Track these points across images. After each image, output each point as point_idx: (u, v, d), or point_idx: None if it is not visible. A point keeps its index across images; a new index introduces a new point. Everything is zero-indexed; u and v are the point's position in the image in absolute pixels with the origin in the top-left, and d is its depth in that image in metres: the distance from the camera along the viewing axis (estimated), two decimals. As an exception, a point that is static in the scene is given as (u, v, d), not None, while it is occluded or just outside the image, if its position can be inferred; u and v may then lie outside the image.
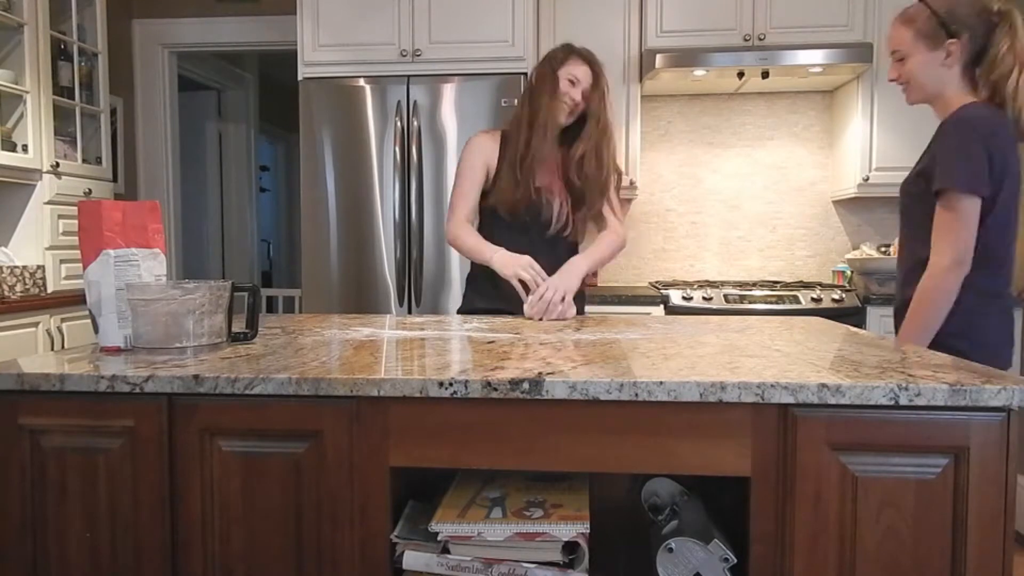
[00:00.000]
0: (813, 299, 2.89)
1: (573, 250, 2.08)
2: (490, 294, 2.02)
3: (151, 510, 1.10)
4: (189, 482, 1.10)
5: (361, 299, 3.00)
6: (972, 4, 1.61)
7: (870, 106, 3.11)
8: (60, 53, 3.07)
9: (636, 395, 1.02)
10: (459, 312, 2.11)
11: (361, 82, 2.96)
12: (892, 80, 1.72)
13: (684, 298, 2.92)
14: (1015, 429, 0.99)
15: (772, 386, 1.01)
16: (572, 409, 1.05)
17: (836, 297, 2.88)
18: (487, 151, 2.03)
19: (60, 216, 3.02)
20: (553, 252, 2.00)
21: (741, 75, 3.05)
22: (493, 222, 2.03)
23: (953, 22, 1.60)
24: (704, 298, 2.92)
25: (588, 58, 1.99)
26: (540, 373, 1.07)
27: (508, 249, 1.93)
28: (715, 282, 3.22)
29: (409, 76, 2.94)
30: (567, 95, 1.95)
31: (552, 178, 2.01)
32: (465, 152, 2.05)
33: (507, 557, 1.10)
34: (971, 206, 1.55)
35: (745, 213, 3.55)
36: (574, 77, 1.96)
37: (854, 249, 3.43)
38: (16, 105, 2.86)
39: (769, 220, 3.54)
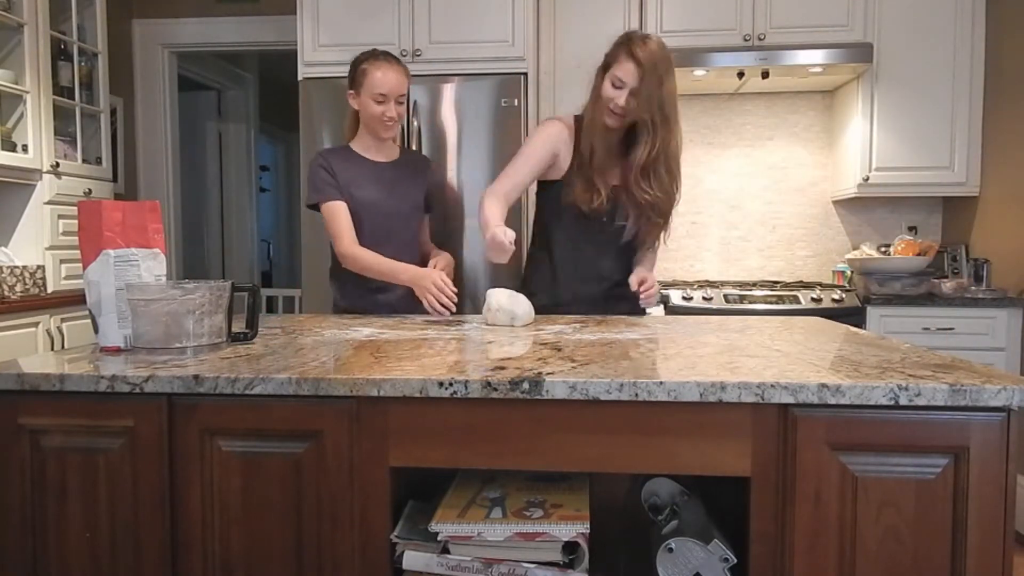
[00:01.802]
0: (813, 299, 2.89)
1: (633, 253, 2.05)
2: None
3: (151, 510, 1.10)
4: (189, 482, 1.10)
5: (361, 299, 3.00)
6: None
7: (870, 106, 3.11)
8: (60, 53, 3.07)
9: (636, 395, 1.02)
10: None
11: (361, 82, 2.96)
12: (395, 119, 2.02)
13: (684, 298, 2.92)
14: (1015, 429, 0.99)
15: (772, 386, 1.01)
16: (572, 409, 1.05)
17: (836, 297, 2.88)
18: (558, 141, 1.94)
19: (60, 216, 3.02)
20: (621, 256, 2.01)
21: (741, 75, 3.05)
22: (564, 219, 1.97)
23: None
24: (704, 298, 2.92)
25: (637, 56, 1.78)
26: (540, 373, 1.07)
27: (574, 249, 1.97)
28: (715, 282, 3.22)
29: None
30: (612, 100, 1.82)
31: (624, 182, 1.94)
32: (536, 136, 1.98)
33: (507, 557, 1.10)
34: None
35: (745, 213, 3.55)
36: (618, 80, 1.81)
37: (854, 249, 3.43)
38: (16, 105, 2.86)
39: (769, 220, 3.54)
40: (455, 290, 1.87)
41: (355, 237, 2.02)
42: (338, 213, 2.02)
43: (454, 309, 1.84)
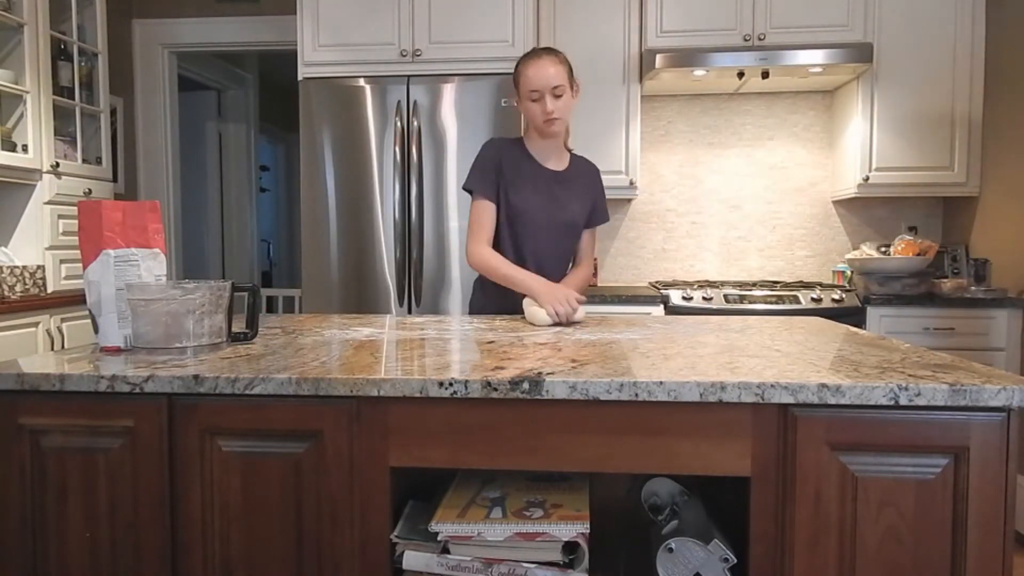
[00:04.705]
0: (813, 299, 2.89)
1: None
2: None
3: (151, 510, 1.10)
4: (189, 482, 1.10)
5: (361, 299, 3.00)
6: None
7: (870, 106, 3.11)
8: (60, 53, 3.07)
9: (636, 395, 1.02)
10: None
11: (361, 82, 2.96)
12: (553, 115, 1.90)
13: (684, 298, 2.92)
14: (1015, 429, 0.99)
15: (772, 386, 1.01)
16: (572, 409, 1.05)
17: (836, 297, 2.88)
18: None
19: (60, 216, 3.02)
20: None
21: (741, 75, 3.05)
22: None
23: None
24: (704, 298, 2.92)
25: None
26: (540, 373, 1.07)
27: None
28: (715, 282, 3.22)
29: (409, 76, 2.94)
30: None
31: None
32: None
33: (507, 557, 1.10)
34: None
35: (745, 213, 3.55)
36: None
37: (854, 249, 3.43)
38: (16, 105, 2.86)
39: (769, 220, 3.54)
40: (581, 302, 1.81)
41: (490, 238, 1.98)
42: (483, 212, 1.97)
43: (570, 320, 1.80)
